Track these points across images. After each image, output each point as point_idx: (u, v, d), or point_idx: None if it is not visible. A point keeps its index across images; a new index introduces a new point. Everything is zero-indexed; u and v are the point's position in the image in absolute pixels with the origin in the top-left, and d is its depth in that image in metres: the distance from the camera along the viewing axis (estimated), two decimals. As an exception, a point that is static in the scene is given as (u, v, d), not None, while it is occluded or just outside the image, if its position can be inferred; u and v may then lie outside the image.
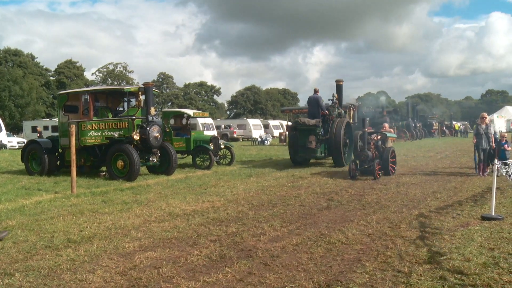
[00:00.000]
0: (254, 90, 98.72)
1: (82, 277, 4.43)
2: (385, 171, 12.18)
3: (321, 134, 15.16)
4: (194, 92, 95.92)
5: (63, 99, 13.97)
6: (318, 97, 15.71)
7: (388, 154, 12.35)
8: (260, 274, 4.48)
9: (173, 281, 4.31)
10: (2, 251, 5.34)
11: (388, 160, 12.21)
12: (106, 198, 9.22)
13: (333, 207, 8.00)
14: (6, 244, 5.64)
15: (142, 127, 12.52)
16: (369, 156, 11.82)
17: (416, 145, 28.00)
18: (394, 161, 12.82)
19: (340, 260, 4.86)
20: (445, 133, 46.37)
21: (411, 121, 35.92)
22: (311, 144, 14.71)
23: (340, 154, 14.96)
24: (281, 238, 5.87)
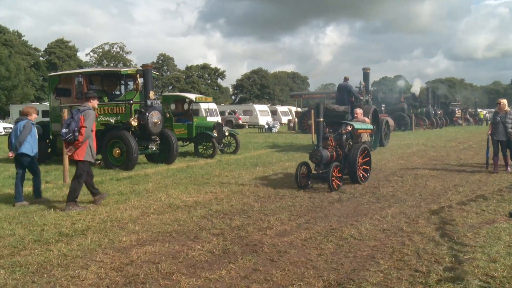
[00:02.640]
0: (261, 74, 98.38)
1: (74, 273, 4.45)
2: (352, 177, 9.59)
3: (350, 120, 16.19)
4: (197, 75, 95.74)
5: (54, 82, 14.00)
6: (349, 85, 17.33)
7: (356, 154, 9.47)
8: (266, 270, 4.49)
9: (172, 277, 4.34)
10: (-12, 245, 5.36)
11: (355, 163, 9.42)
12: (101, 189, 9.22)
13: (345, 200, 7.99)
14: (-8, 237, 5.67)
15: (140, 112, 12.54)
16: (323, 156, 8.88)
17: (436, 134, 27.84)
18: (368, 164, 10.04)
19: (352, 257, 4.86)
20: (469, 121, 46.03)
21: (431, 108, 35.68)
22: None
23: None
24: (288, 233, 5.88)
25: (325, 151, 9.02)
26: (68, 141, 7.42)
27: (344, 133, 9.74)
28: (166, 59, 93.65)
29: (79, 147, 7.40)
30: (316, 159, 8.89)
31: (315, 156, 8.91)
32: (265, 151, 17.95)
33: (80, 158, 7.45)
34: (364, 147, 9.89)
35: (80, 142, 7.35)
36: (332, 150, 9.35)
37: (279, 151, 17.80)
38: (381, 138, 18.88)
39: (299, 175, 9.03)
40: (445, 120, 38.82)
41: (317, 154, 8.88)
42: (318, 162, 8.93)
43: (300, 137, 26.23)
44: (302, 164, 9.24)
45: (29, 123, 8.00)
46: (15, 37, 68.42)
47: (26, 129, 7.88)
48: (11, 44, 63.74)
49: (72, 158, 7.60)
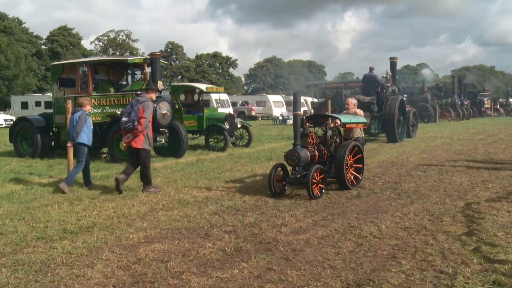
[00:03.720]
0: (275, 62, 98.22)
1: (79, 272, 4.50)
2: (340, 181, 8.52)
3: (375, 111, 17.75)
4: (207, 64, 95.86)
5: (57, 71, 14.12)
6: (375, 75, 18.28)
7: (344, 153, 8.36)
8: (281, 270, 4.50)
9: (182, 277, 4.37)
10: (-12, 243, 5.43)
11: (343, 164, 8.31)
12: (107, 183, 9.36)
13: (364, 196, 7.97)
14: (-7, 234, 5.74)
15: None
16: (301, 157, 7.84)
17: (463, 126, 27.57)
18: (360, 164, 9.04)
19: (372, 257, 4.85)
20: (499, 112, 45.36)
21: (457, 98, 35.30)
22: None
23: (394, 130, 17.64)
24: (304, 230, 5.88)
25: (303, 150, 7.97)
26: (127, 130, 8.33)
27: (330, 129, 8.74)
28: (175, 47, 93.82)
29: (137, 136, 8.32)
30: (293, 160, 7.84)
31: (291, 156, 7.87)
32: (279, 144, 17.93)
33: (138, 146, 8.38)
34: (354, 145, 8.80)
35: (138, 131, 8.29)
36: (314, 149, 8.31)
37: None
38: (408, 130, 19.14)
39: (273, 179, 7.93)
40: (472, 111, 38.40)
41: (293, 154, 7.84)
42: (295, 164, 7.88)
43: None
44: (277, 165, 8.15)
45: (84, 114, 8.89)
46: (15, 24, 68.84)
47: (82, 120, 8.78)
48: (10, 32, 64.13)
49: (130, 145, 8.45)
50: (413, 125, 20.28)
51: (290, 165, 8.04)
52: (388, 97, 18.21)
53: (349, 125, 9.14)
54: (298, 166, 7.94)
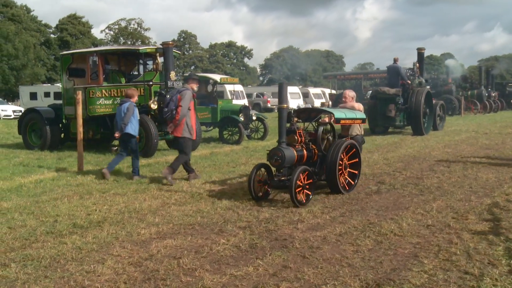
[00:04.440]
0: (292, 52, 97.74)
1: (89, 268, 4.55)
2: (331, 185, 7.78)
3: (401, 103, 18.09)
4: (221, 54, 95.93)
5: (67, 61, 14.23)
6: (398, 66, 18.50)
7: (337, 153, 7.60)
8: (297, 268, 4.51)
9: (195, 274, 4.39)
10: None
11: (335, 165, 7.55)
12: (118, 177, 9.44)
13: (384, 192, 7.93)
14: (0, 229, 5.82)
15: (160, 95, 12.62)
16: (285, 157, 7.09)
17: (490, 119, 27.20)
18: (357, 166, 8.32)
19: (393, 255, 4.82)
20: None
21: (483, 90, 34.79)
22: (390, 112, 17.77)
23: (420, 123, 17.85)
24: (322, 227, 5.88)
25: (289, 149, 7.23)
26: (168, 119, 8.93)
27: (322, 125, 8.03)
28: (188, 36, 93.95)
29: (177, 124, 8.80)
30: (276, 160, 7.12)
31: (274, 156, 7.14)
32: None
33: (178, 134, 8.88)
34: (349, 144, 7.98)
35: (177, 120, 8.76)
36: (302, 148, 7.60)
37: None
38: (435, 122, 19.09)
39: (253, 181, 7.24)
40: (500, 103, 37.77)
41: (277, 153, 7.10)
42: (279, 164, 7.17)
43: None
44: (259, 166, 7.48)
45: (132, 104, 9.35)
46: (23, 11, 69.33)
47: (130, 111, 9.23)
48: (18, 20, 64.58)
49: (172, 134, 9.08)
50: (440, 117, 20.37)
51: (273, 166, 7.32)
52: (414, 89, 18.40)
53: (344, 121, 8.29)
54: (282, 167, 7.22)
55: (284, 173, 7.34)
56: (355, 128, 8.98)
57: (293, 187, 6.74)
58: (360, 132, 9.09)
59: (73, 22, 77.27)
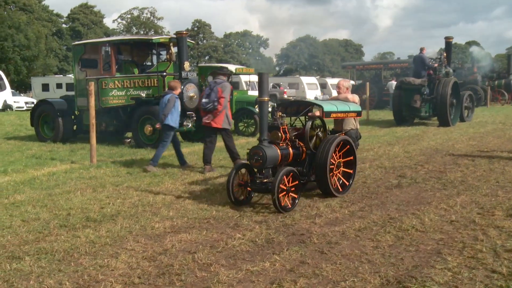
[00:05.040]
0: (309, 41, 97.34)
1: (103, 262, 4.60)
2: (322, 186, 7.20)
3: (427, 93, 18.18)
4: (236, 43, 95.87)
5: (79, 52, 14.34)
6: (424, 56, 18.73)
7: (327, 151, 6.97)
8: (315, 264, 4.51)
9: (210, 269, 4.42)
10: (10, 231, 5.61)
11: (326, 164, 6.90)
12: (131, 170, 9.51)
13: (405, 186, 7.87)
14: (14, 222, 5.93)
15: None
16: (267, 157, 6.47)
17: (517, 111, 26.77)
18: (352, 166, 7.68)
19: (414, 252, 4.79)
20: None
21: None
22: (415, 103, 17.88)
23: (446, 113, 17.90)
24: (340, 222, 5.87)
25: (271, 148, 6.63)
26: (208, 110, 9.19)
27: (310, 119, 7.39)
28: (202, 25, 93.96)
29: (217, 115, 9.16)
30: (257, 160, 6.50)
31: (254, 156, 6.54)
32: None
33: (218, 125, 9.25)
34: (342, 140, 7.35)
35: (218, 111, 9.14)
36: (287, 146, 7.00)
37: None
38: (462, 113, 19.35)
39: (232, 184, 6.65)
40: (530, 93, 37.06)
41: (257, 152, 6.50)
42: (260, 165, 6.54)
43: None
44: (240, 166, 6.97)
45: (174, 96, 9.65)
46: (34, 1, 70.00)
47: (171, 103, 9.52)
48: (30, 9, 65.19)
49: (209, 125, 9.30)
50: (469, 108, 20.32)
51: (254, 167, 6.71)
52: (440, 79, 18.39)
53: (335, 114, 7.61)
54: (263, 167, 6.57)
55: (267, 174, 6.67)
56: (349, 122, 8.42)
57: (276, 191, 6.12)
58: (355, 127, 8.54)
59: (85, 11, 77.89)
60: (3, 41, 55.17)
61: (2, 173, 9.28)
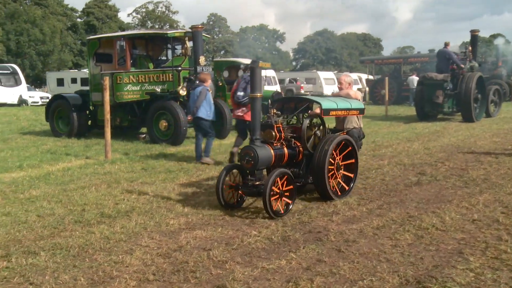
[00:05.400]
0: (327, 35, 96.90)
1: (117, 258, 4.64)
2: (319, 189, 6.80)
3: (450, 88, 18.09)
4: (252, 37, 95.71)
5: (93, 46, 14.43)
6: (449, 51, 18.55)
7: (326, 152, 6.55)
8: (332, 262, 4.49)
9: (225, 266, 4.43)
10: (25, 226, 5.69)
11: (324, 166, 6.50)
12: (146, 165, 9.57)
13: (425, 183, 7.80)
14: (29, 217, 6.02)
15: (189, 80, 12.69)
16: (258, 158, 6.08)
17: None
18: (351, 168, 7.22)
19: (435, 251, 4.75)
20: None
21: (542, 75, 33.57)
22: (437, 99, 17.79)
23: (470, 109, 17.78)
24: (358, 219, 5.84)
25: (264, 148, 6.25)
26: (244, 104, 9.34)
27: (308, 117, 7.02)
28: (218, 19, 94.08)
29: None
30: (248, 161, 6.15)
31: (245, 156, 6.18)
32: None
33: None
34: (342, 140, 6.94)
35: None
36: (282, 145, 6.61)
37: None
38: (488, 109, 19.30)
39: (222, 186, 6.32)
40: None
41: (248, 153, 6.14)
42: (252, 166, 6.18)
43: (372, 109, 25.71)
44: (230, 167, 6.64)
45: (205, 89, 9.88)
46: (49, -5, 70.63)
47: (202, 95, 9.74)
48: (45, 4, 65.82)
49: (242, 118, 9.51)
50: (495, 103, 20.23)
51: (245, 168, 6.33)
52: (464, 73, 18.25)
53: (335, 112, 7.23)
54: (256, 169, 6.20)
55: (259, 176, 6.30)
56: (351, 120, 8.01)
57: (267, 194, 5.77)
58: (359, 125, 8.10)
59: (99, 5, 78.21)
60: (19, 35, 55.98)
61: (18, 168, 9.40)
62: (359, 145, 7.92)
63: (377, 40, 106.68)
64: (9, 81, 34.20)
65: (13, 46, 56.18)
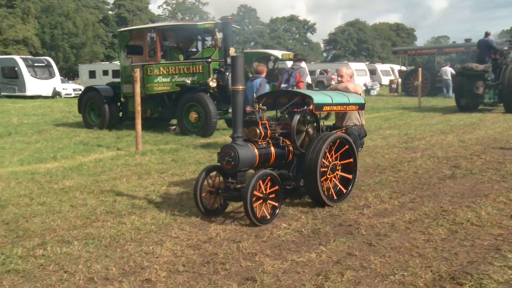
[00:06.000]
0: (359, 26, 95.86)
1: (148, 249, 4.69)
2: (311, 193, 6.13)
3: (491, 79, 17.87)
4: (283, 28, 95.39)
5: (124, 38, 14.58)
6: (491, 40, 18.36)
7: (318, 152, 5.84)
8: (363, 256, 4.45)
9: (255, 259, 4.43)
10: (60, 216, 5.82)
11: (316, 167, 5.79)
12: (176, 157, 9.64)
13: (459, 177, 7.64)
14: (63, 207, 6.16)
15: (219, 72, 12.73)
16: (239, 157, 5.49)
17: None
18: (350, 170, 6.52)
19: (470, 247, 4.64)
20: None
21: None
22: (478, 90, 17.58)
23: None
24: (390, 213, 5.77)
25: (247, 147, 5.66)
26: None
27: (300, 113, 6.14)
28: (248, 10, 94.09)
29: None
30: (228, 162, 5.55)
31: (225, 156, 5.58)
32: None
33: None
34: (338, 138, 6.24)
35: None
36: (267, 144, 5.95)
37: (379, 117, 17.38)
38: None
39: (200, 190, 5.68)
40: None
41: (228, 152, 5.55)
42: (232, 168, 5.57)
43: (404, 101, 25.41)
44: (209, 169, 5.96)
45: (264, 81, 9.98)
46: (81, -12, 71.80)
47: (262, 87, 9.79)
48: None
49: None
50: None
51: (225, 170, 5.70)
52: (508, 63, 17.95)
53: (329, 107, 6.41)
54: (237, 171, 5.59)
55: (241, 179, 5.66)
56: (351, 116, 7.25)
57: (248, 199, 5.20)
58: (360, 122, 7.33)
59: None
60: (53, 29, 57.21)
61: (52, 159, 9.60)
62: (359, 144, 7.25)
63: (410, 30, 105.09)
64: (44, 74, 35.08)
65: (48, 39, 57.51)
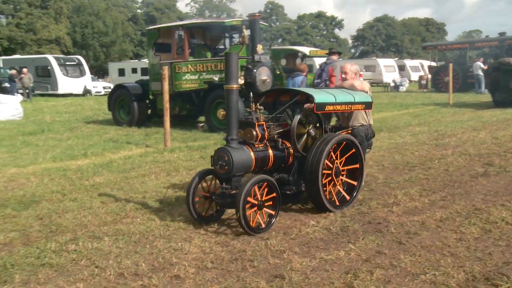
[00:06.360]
0: (387, 21, 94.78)
1: (177, 245, 4.72)
2: (312, 199, 5.81)
3: None
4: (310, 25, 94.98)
5: (153, 36, 14.72)
6: None
7: (320, 155, 5.49)
8: (392, 254, 4.40)
9: (283, 256, 4.42)
10: (90, 212, 5.93)
11: (317, 171, 5.47)
12: (204, 154, 9.68)
13: (492, 174, 7.48)
14: (94, 203, 6.26)
15: (247, 69, 12.73)
16: (233, 161, 5.10)
17: None
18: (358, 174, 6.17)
19: (505, 247, 4.54)
20: None
21: None
22: None
23: None
24: (420, 211, 5.69)
25: (242, 150, 5.29)
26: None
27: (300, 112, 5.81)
28: (275, 7, 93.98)
29: None
30: (221, 166, 5.19)
31: (219, 160, 5.21)
32: (390, 113, 17.43)
33: None
34: (343, 140, 5.87)
35: None
36: (265, 147, 5.55)
37: (408, 113, 17.16)
38: None
39: (193, 196, 5.35)
40: None
41: (222, 156, 5.18)
42: (226, 173, 5.20)
43: (434, 97, 25.02)
44: (203, 173, 5.53)
45: (305, 78, 10.40)
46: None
47: (303, 84, 10.28)
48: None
49: None
50: None
51: (219, 174, 5.34)
52: None
53: (332, 107, 5.88)
54: (231, 175, 5.21)
55: (236, 184, 5.25)
56: (358, 116, 6.75)
57: (241, 206, 4.86)
58: (367, 122, 6.83)
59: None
60: (84, 28, 58.29)
61: (83, 156, 9.77)
62: (366, 146, 6.83)
63: (440, 24, 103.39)
64: (75, 72, 35.81)
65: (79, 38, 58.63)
